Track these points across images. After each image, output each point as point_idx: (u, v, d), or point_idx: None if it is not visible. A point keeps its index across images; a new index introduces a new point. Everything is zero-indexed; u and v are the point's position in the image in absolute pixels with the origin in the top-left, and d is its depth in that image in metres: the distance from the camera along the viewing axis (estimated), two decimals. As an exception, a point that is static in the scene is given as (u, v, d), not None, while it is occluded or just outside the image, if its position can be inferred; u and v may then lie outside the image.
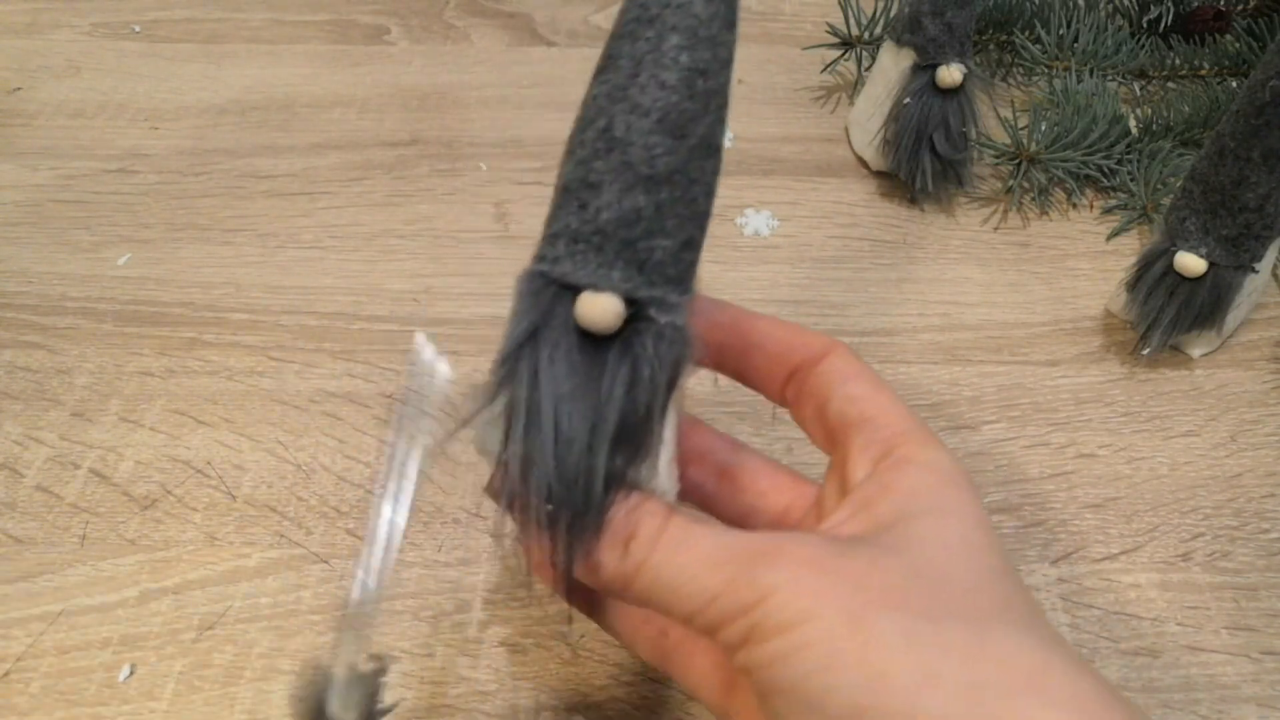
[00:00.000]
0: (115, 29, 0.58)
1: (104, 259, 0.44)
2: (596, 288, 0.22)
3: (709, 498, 0.27)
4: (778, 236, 0.46)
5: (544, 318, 0.22)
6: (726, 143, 0.24)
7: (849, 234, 0.46)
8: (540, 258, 0.23)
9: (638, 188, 0.22)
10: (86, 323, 0.41)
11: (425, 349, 0.26)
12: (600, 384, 0.22)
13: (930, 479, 0.22)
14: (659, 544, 0.21)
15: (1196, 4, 0.54)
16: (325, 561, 0.34)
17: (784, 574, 0.20)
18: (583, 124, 0.23)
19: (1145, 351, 0.40)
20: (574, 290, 0.22)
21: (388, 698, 0.30)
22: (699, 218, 0.23)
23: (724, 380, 0.40)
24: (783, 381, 0.27)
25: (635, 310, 0.22)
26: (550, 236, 0.23)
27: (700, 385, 0.39)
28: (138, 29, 0.59)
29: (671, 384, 0.22)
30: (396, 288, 0.43)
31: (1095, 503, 0.36)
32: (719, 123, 0.23)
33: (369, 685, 0.24)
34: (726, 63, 0.23)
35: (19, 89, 0.54)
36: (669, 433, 0.23)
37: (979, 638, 0.19)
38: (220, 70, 0.55)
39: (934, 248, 0.46)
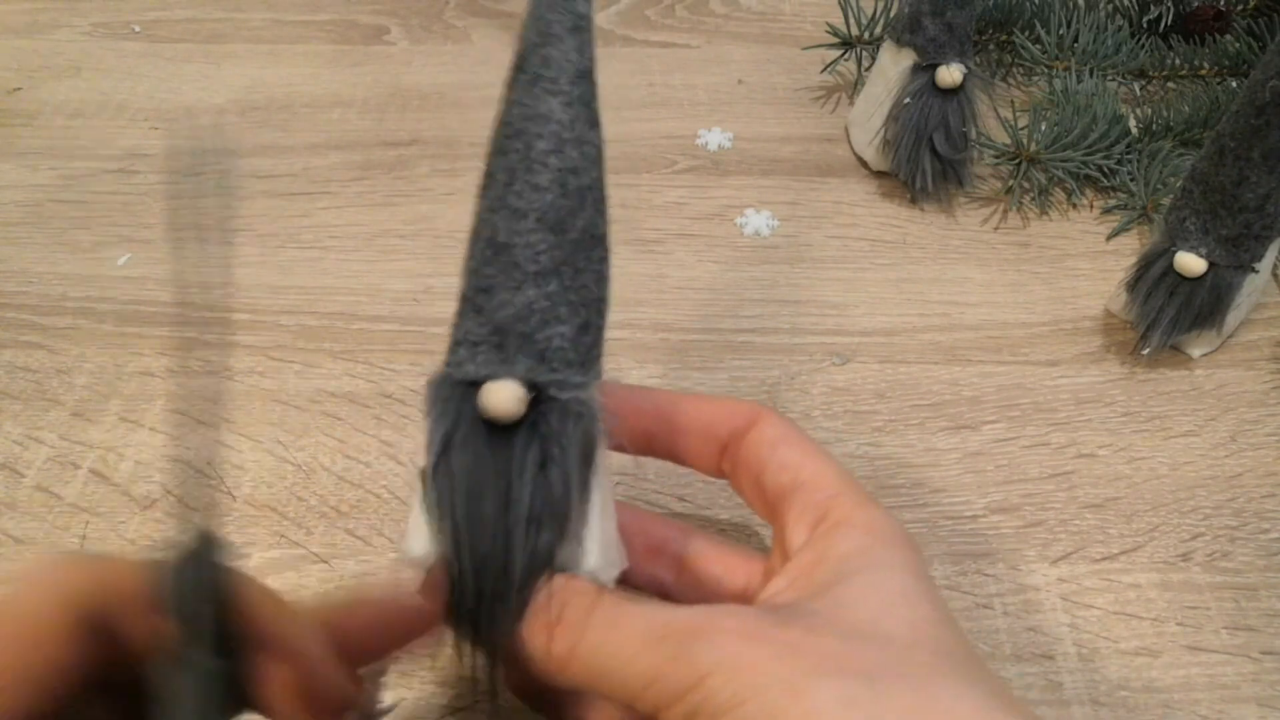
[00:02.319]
0: (115, 29, 0.58)
1: (104, 259, 0.44)
2: (496, 378, 0.22)
3: (669, 591, 0.27)
4: (778, 236, 0.46)
5: (455, 421, 0.22)
6: (726, 143, 0.25)
7: (849, 234, 0.46)
8: (446, 364, 0.24)
9: (527, 284, 0.23)
10: (86, 323, 0.41)
11: None
12: (511, 470, 0.22)
13: (865, 539, 0.23)
14: (589, 625, 0.21)
15: (1196, 4, 0.54)
16: (325, 561, 0.34)
17: (719, 651, 0.20)
18: (473, 238, 0.24)
19: (1145, 351, 0.40)
20: (478, 385, 0.22)
21: (387, 698, 0.30)
22: (593, 303, 0.24)
23: (722, 378, 0.40)
24: (717, 457, 0.27)
25: (538, 394, 0.22)
26: (453, 345, 0.24)
27: (703, 386, 0.39)
28: (138, 29, 0.59)
29: (585, 458, 0.22)
30: (396, 288, 0.43)
31: (1095, 503, 0.36)
32: (599, 215, 0.24)
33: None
34: (595, 160, 0.24)
35: (19, 89, 0.54)
36: (595, 512, 0.23)
37: (921, 694, 0.19)
38: (220, 70, 0.55)
39: (934, 248, 0.46)
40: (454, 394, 0.23)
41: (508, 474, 0.22)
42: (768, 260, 0.45)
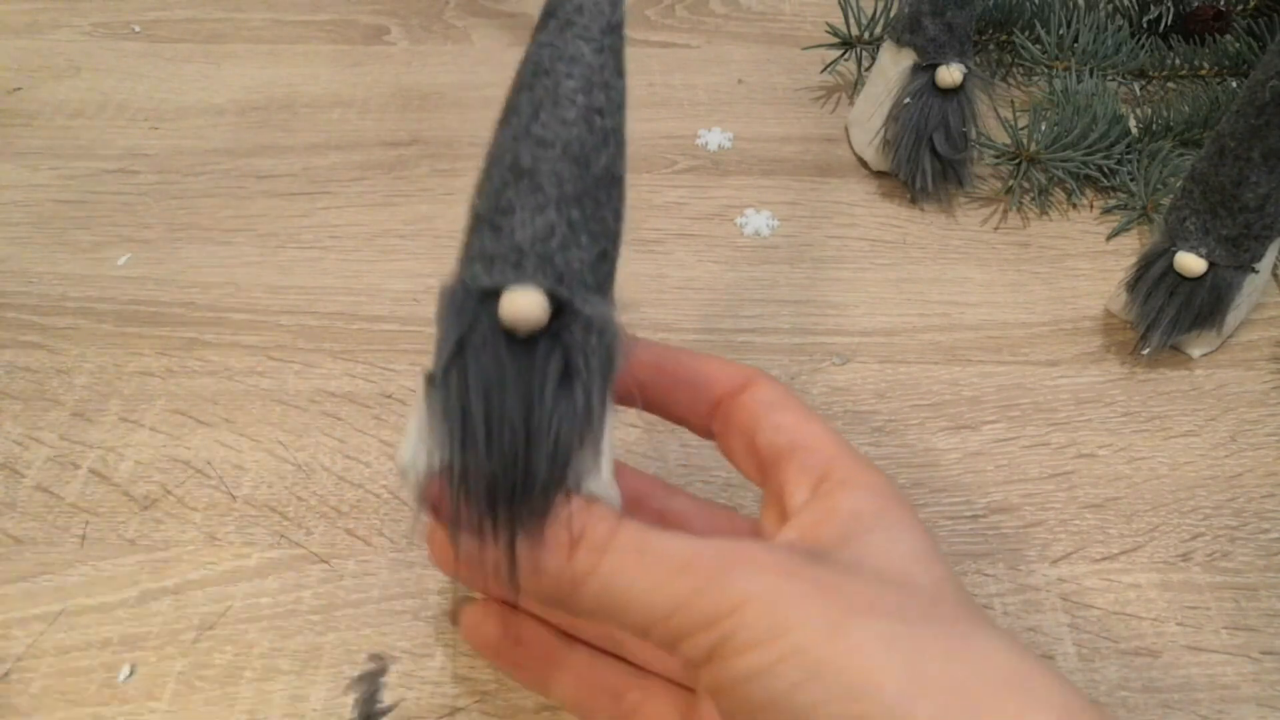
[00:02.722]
0: (115, 29, 0.58)
1: (104, 259, 0.44)
2: (516, 284, 0.22)
3: None
4: (778, 236, 0.46)
5: (470, 327, 0.22)
6: (726, 143, 0.25)
7: (849, 234, 0.46)
8: (459, 277, 0.23)
9: (549, 207, 0.23)
10: (86, 323, 0.41)
11: None
12: (533, 378, 0.22)
13: (874, 499, 0.22)
14: (612, 547, 0.21)
15: (1196, 4, 0.54)
16: (325, 561, 0.34)
17: (756, 583, 0.19)
18: (490, 163, 0.24)
19: (1145, 351, 0.40)
20: (497, 295, 0.22)
21: (387, 697, 0.30)
22: (611, 236, 0.24)
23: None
24: (707, 415, 0.26)
25: (560, 307, 0.22)
26: (466, 261, 0.23)
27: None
28: (138, 29, 0.59)
29: (606, 374, 0.22)
30: (396, 288, 0.43)
31: (1095, 503, 0.36)
32: (619, 157, 0.24)
33: (370, 684, 0.24)
34: (619, 106, 0.24)
35: (19, 89, 0.54)
36: (607, 438, 0.23)
37: (956, 639, 0.19)
38: (220, 70, 0.55)
39: (934, 248, 0.46)
40: (470, 301, 0.22)
41: (529, 382, 0.22)
42: (768, 260, 0.45)
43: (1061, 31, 0.52)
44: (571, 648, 0.28)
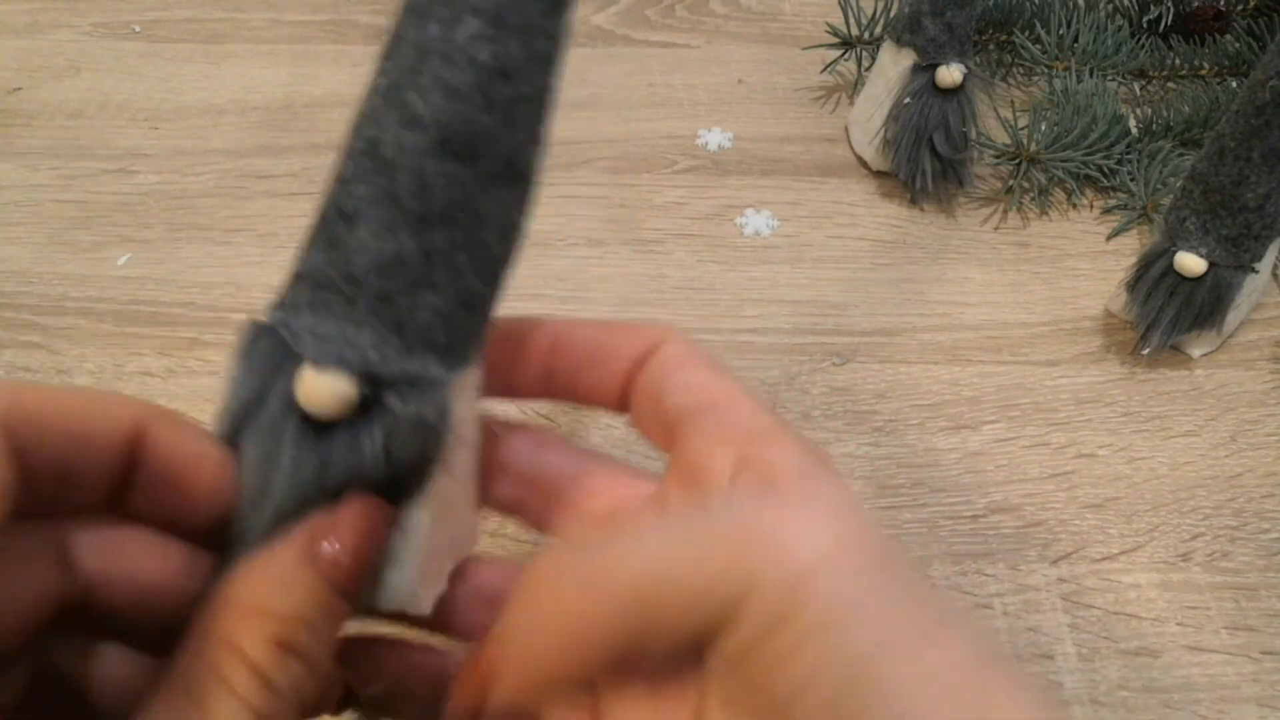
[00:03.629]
0: (115, 29, 0.58)
1: (104, 259, 0.44)
2: (319, 364, 0.17)
3: (518, 508, 0.23)
4: (778, 236, 0.46)
5: (262, 391, 0.18)
6: (726, 143, 0.22)
7: (849, 234, 0.46)
8: (279, 303, 0.19)
9: (402, 227, 0.17)
10: (86, 323, 0.41)
11: None
12: (316, 476, 0.18)
13: (806, 456, 0.20)
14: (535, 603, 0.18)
15: (1196, 4, 0.54)
16: (325, 561, 0.34)
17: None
18: (350, 134, 0.19)
19: (1145, 351, 0.40)
20: (300, 360, 0.18)
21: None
22: (489, 267, 0.18)
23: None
24: (620, 389, 0.22)
25: (373, 393, 0.18)
26: (296, 276, 0.18)
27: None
28: (138, 29, 0.59)
29: (402, 486, 0.18)
30: (396, 288, 0.43)
31: (1095, 503, 0.36)
32: (530, 142, 0.18)
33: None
34: (545, 60, 0.17)
35: (19, 89, 0.54)
36: (408, 544, 0.18)
37: (948, 612, 0.17)
38: (220, 70, 0.55)
39: (934, 248, 0.46)
40: (271, 356, 0.18)
41: (303, 479, 0.18)
42: (768, 260, 0.45)
43: (1061, 31, 0.52)
44: None
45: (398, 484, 0.18)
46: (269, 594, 0.18)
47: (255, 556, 0.18)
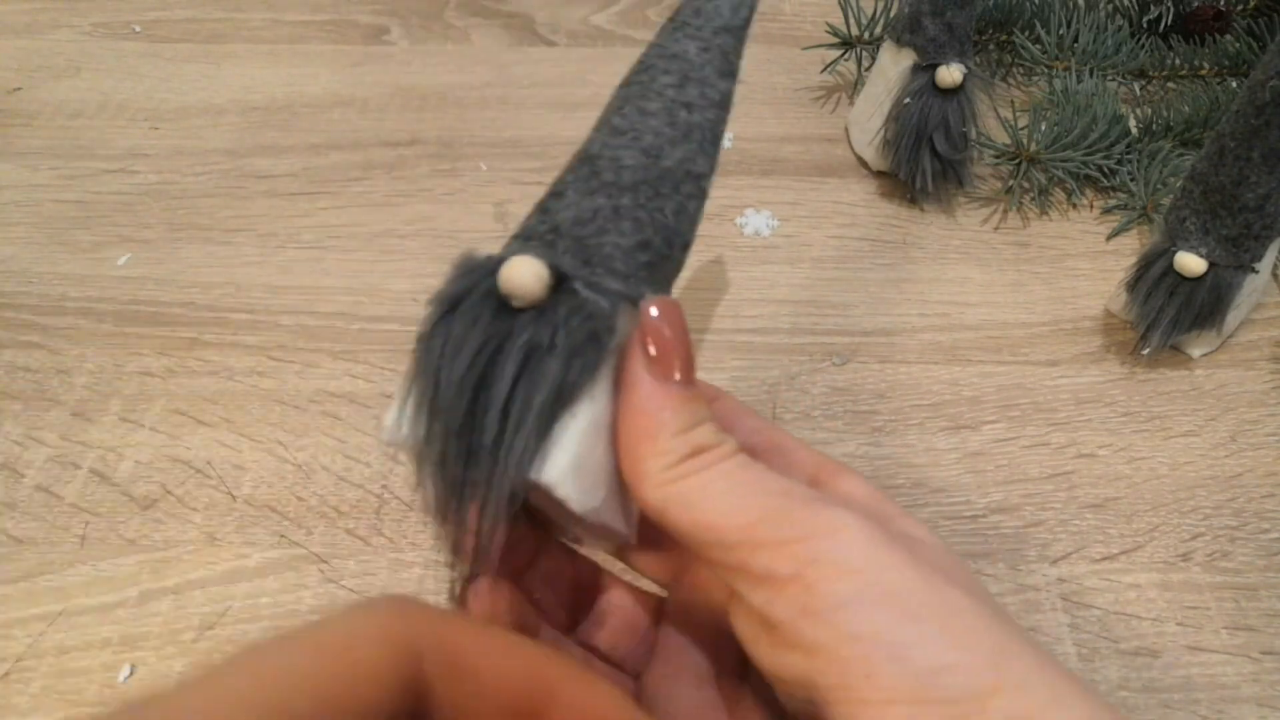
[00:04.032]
0: (115, 29, 0.58)
1: (104, 259, 0.44)
2: (519, 254, 0.21)
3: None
4: (778, 236, 0.46)
5: (467, 288, 0.21)
6: (726, 143, 0.24)
7: (849, 234, 0.46)
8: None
9: (599, 192, 0.22)
10: (86, 323, 0.41)
11: None
12: (502, 347, 0.20)
13: (866, 486, 0.23)
14: (718, 459, 0.21)
15: (1196, 4, 0.54)
16: (325, 561, 0.34)
17: (853, 517, 0.19)
18: (573, 157, 0.24)
19: (1145, 351, 0.40)
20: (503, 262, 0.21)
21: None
22: (662, 229, 0.23)
23: (722, 378, 0.40)
24: None
25: (563, 284, 0.21)
26: (509, 240, 0.23)
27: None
28: (138, 29, 0.59)
29: (578, 358, 0.21)
30: (397, 288, 0.43)
31: (1095, 503, 0.36)
32: (700, 154, 0.23)
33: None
34: (716, 103, 0.23)
35: (19, 89, 0.54)
36: (576, 426, 0.21)
37: (1019, 634, 0.19)
38: (220, 70, 0.55)
39: (934, 248, 0.46)
40: (477, 267, 0.21)
41: (497, 351, 0.20)
42: (768, 260, 0.45)
43: (1061, 31, 0.52)
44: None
45: (575, 370, 0.21)
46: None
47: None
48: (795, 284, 0.44)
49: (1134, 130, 0.49)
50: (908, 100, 0.46)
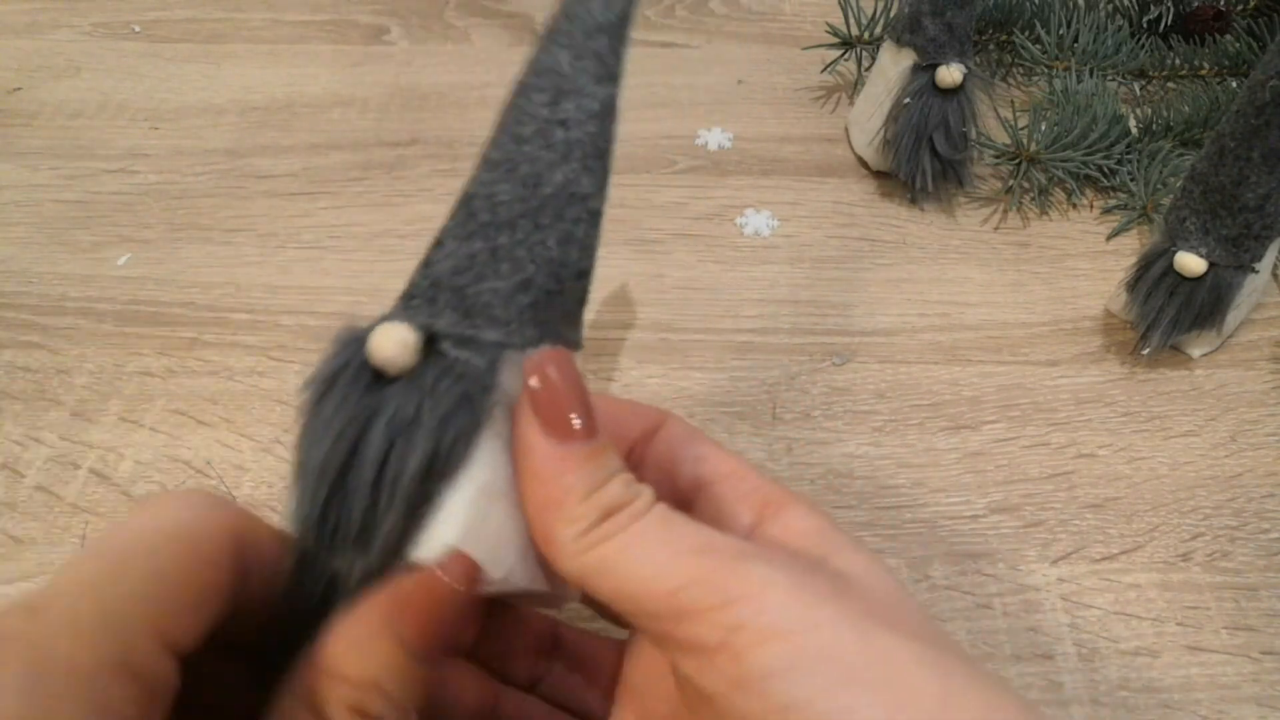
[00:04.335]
0: (115, 29, 0.58)
1: (104, 259, 0.44)
2: (389, 320, 0.20)
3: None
4: (778, 236, 0.46)
5: (342, 364, 0.20)
6: (726, 143, 0.24)
7: (849, 234, 0.46)
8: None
9: (476, 235, 0.21)
10: (86, 323, 0.41)
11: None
12: (371, 422, 0.20)
13: (816, 517, 0.22)
14: (632, 519, 0.20)
15: (1196, 4, 0.54)
16: (325, 561, 0.34)
17: (780, 573, 0.18)
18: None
19: (1145, 351, 0.40)
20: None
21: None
22: (546, 264, 0.21)
23: (722, 378, 0.40)
24: (624, 457, 0.24)
25: (436, 346, 0.20)
26: (398, 300, 0.22)
27: (703, 386, 0.39)
28: (138, 29, 0.59)
29: (446, 429, 0.20)
30: (396, 288, 0.43)
31: (1095, 503, 0.36)
32: (586, 173, 0.22)
33: None
34: (596, 115, 0.22)
35: (19, 89, 0.54)
36: (462, 496, 0.20)
37: (971, 668, 0.18)
38: (220, 70, 0.55)
39: (934, 248, 0.46)
40: (351, 340, 0.21)
41: (363, 430, 0.20)
42: (768, 260, 0.45)
43: (1061, 31, 0.52)
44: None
45: (448, 439, 0.20)
46: (347, 658, 0.19)
47: (338, 618, 0.19)
48: (795, 284, 0.44)
49: (1134, 130, 0.49)
50: (908, 100, 0.46)
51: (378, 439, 0.20)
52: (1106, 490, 0.36)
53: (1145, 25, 0.55)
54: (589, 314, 0.42)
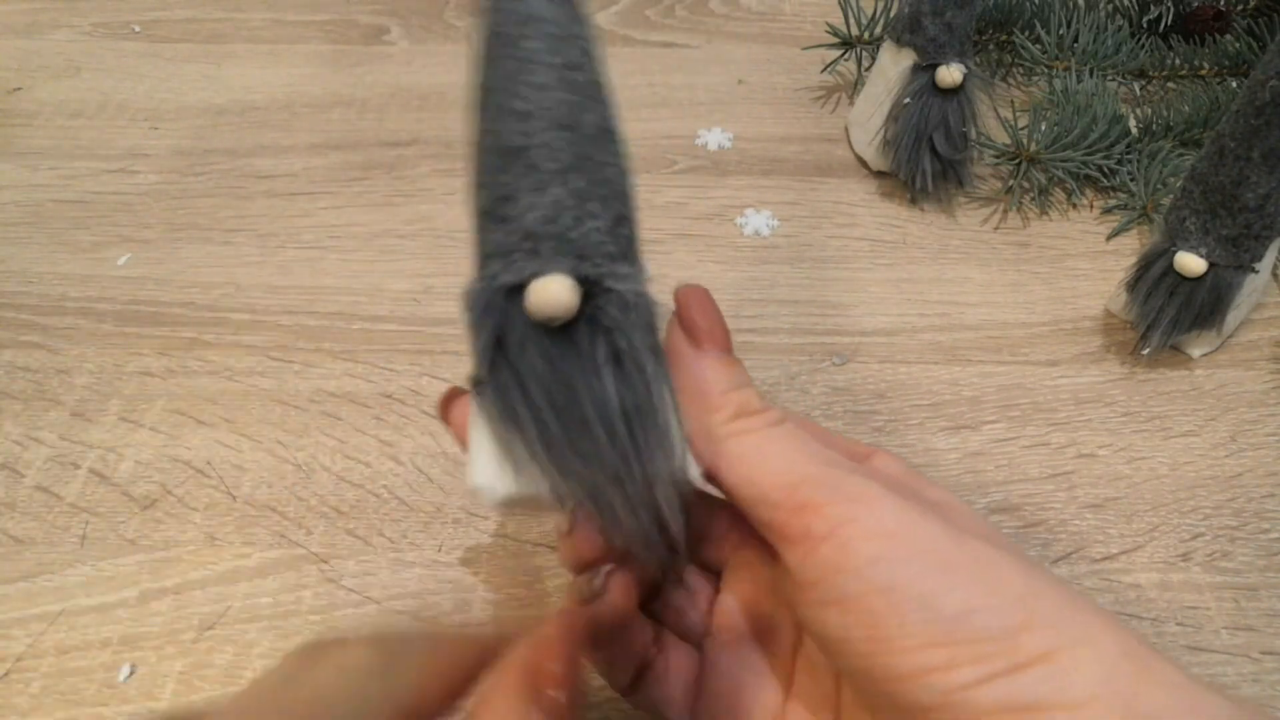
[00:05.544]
0: (115, 29, 0.58)
1: (104, 259, 0.44)
2: (539, 273, 0.21)
3: None
4: (778, 236, 0.46)
5: (502, 324, 0.21)
6: (726, 143, 0.24)
7: (849, 234, 0.46)
8: (478, 278, 0.22)
9: (551, 183, 0.21)
10: (86, 323, 0.41)
11: None
12: (583, 368, 0.21)
13: (901, 466, 0.25)
14: (766, 424, 0.22)
15: (1196, 4, 0.54)
16: (325, 561, 0.34)
17: (888, 488, 0.21)
18: (477, 153, 0.23)
19: (1145, 351, 0.40)
20: (522, 289, 0.21)
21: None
22: (621, 196, 0.23)
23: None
24: None
25: (590, 288, 0.21)
26: (483, 260, 0.22)
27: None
28: (138, 29, 0.59)
29: (652, 347, 0.22)
30: (396, 288, 0.43)
31: (1095, 503, 0.36)
32: (607, 108, 0.23)
33: None
34: (592, 54, 0.23)
35: (19, 89, 0.54)
36: (674, 411, 0.22)
37: (1046, 577, 0.20)
38: (220, 70, 0.55)
39: (934, 248, 0.46)
40: (496, 299, 0.21)
41: (581, 374, 0.21)
42: (768, 260, 0.45)
43: (1061, 31, 0.52)
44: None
45: (642, 353, 0.21)
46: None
47: (486, 679, 0.20)
48: (795, 284, 0.44)
49: (1134, 130, 0.49)
50: (908, 100, 0.46)
51: (608, 376, 0.21)
52: (1106, 490, 0.36)
53: (1145, 25, 0.55)
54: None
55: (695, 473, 0.22)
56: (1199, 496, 0.36)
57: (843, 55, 0.54)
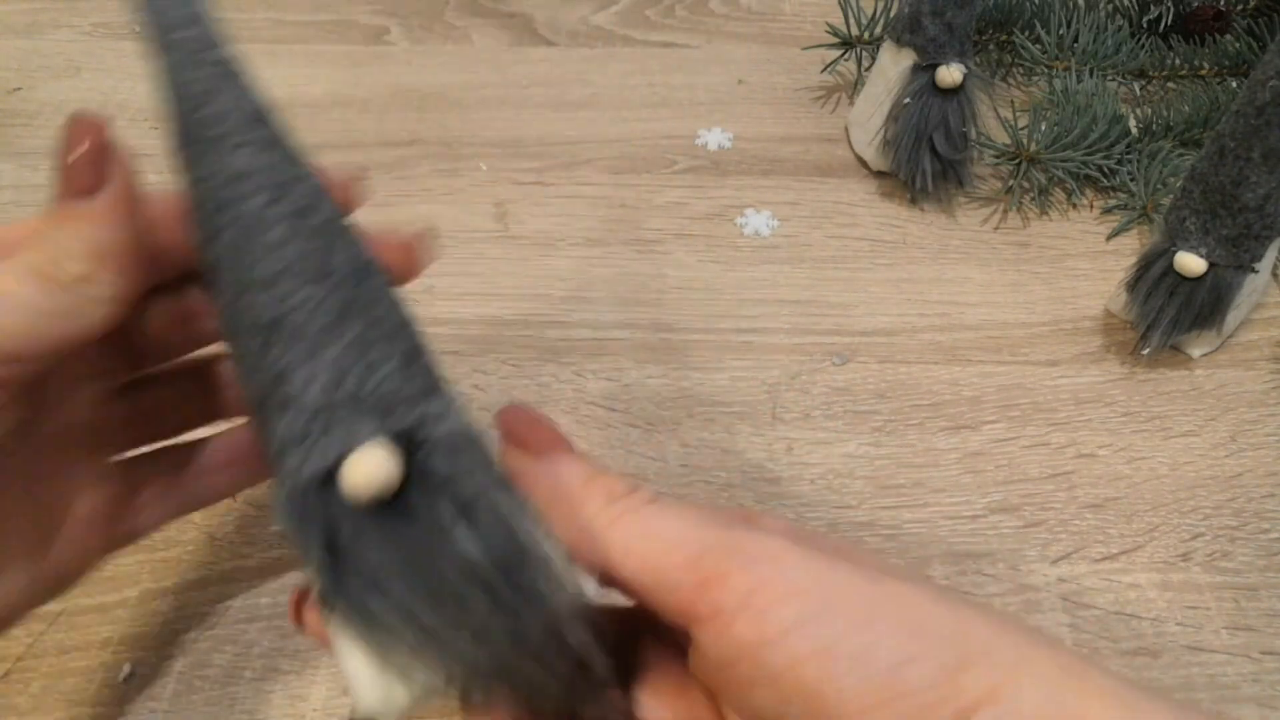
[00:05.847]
0: (115, 29, 0.58)
1: (104, 259, 0.44)
2: (346, 451, 0.18)
3: None
4: (778, 236, 0.46)
5: (327, 524, 0.18)
6: (726, 143, 0.24)
7: (849, 234, 0.46)
8: (281, 483, 0.19)
9: (324, 344, 0.19)
10: (86, 323, 0.41)
11: None
12: (435, 539, 0.18)
13: (787, 523, 0.23)
14: (642, 502, 0.21)
15: (1196, 4, 0.54)
16: (325, 561, 0.34)
17: (789, 539, 0.20)
18: (232, 343, 0.21)
19: (1145, 351, 0.40)
20: (332, 474, 0.18)
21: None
22: (402, 329, 0.20)
23: (722, 378, 0.40)
24: None
25: (407, 444, 0.19)
26: (277, 456, 0.19)
27: (703, 386, 0.39)
28: (138, 29, 0.59)
29: (499, 482, 0.19)
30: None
31: (1095, 503, 0.36)
32: (355, 244, 0.21)
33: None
34: (321, 191, 0.21)
35: (19, 89, 0.54)
36: (541, 535, 0.19)
37: (981, 605, 0.20)
38: (220, 70, 0.55)
39: (934, 248, 0.46)
40: (309, 499, 0.18)
41: (433, 544, 0.18)
42: (768, 260, 0.45)
43: (1061, 31, 0.52)
44: None
45: (493, 494, 0.19)
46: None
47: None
48: (795, 284, 0.44)
49: (1134, 130, 0.49)
50: (908, 100, 0.46)
51: (463, 536, 0.18)
52: (1106, 490, 0.36)
53: (1145, 25, 0.55)
54: (591, 314, 0.42)
55: (591, 588, 0.20)
56: (1199, 496, 0.36)
57: (843, 55, 0.54)
